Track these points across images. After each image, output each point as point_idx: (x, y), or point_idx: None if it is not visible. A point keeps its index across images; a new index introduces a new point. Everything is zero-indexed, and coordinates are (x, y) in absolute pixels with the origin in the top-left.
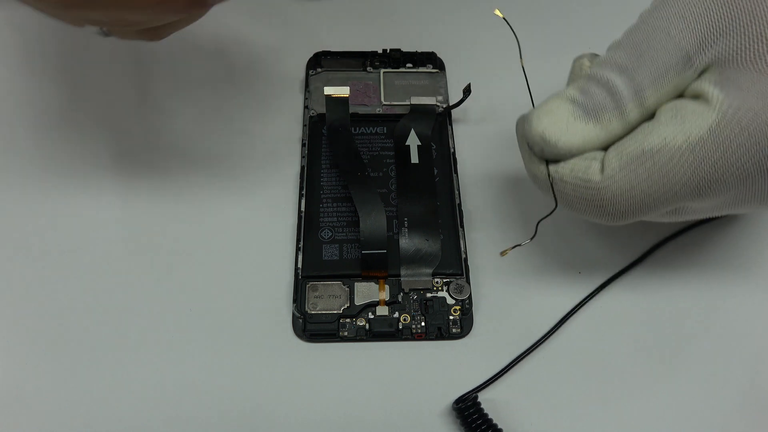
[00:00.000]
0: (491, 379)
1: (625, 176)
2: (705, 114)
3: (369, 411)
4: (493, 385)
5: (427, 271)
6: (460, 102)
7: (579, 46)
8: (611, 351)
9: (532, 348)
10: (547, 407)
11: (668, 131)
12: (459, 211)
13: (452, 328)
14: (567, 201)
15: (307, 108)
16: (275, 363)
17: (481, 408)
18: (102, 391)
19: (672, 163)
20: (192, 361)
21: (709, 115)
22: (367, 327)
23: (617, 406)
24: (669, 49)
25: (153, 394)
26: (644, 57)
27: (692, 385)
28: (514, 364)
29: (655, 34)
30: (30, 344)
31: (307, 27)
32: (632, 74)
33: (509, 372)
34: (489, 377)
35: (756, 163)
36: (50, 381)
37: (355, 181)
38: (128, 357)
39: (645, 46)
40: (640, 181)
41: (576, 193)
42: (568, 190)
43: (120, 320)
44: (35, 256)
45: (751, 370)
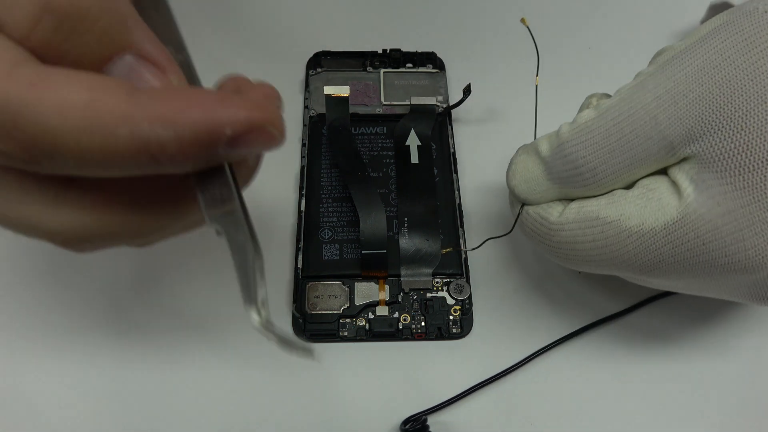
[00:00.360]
0: (446, 402)
1: (575, 229)
2: (668, 208)
3: (369, 411)
4: (453, 407)
5: (427, 271)
6: (460, 102)
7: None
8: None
9: (495, 377)
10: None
11: (628, 209)
12: (459, 211)
13: (452, 328)
14: (527, 233)
15: (307, 108)
16: (275, 364)
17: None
18: (102, 391)
19: (619, 238)
20: (192, 362)
21: (671, 212)
22: (367, 327)
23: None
24: (652, 136)
25: (152, 394)
26: (623, 140)
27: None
28: (476, 389)
29: (641, 117)
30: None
31: (307, 27)
32: (608, 157)
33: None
34: (443, 401)
35: (704, 270)
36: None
37: (355, 181)
38: (128, 357)
39: (628, 128)
40: (587, 240)
41: (534, 227)
42: (529, 223)
43: (119, 318)
44: None
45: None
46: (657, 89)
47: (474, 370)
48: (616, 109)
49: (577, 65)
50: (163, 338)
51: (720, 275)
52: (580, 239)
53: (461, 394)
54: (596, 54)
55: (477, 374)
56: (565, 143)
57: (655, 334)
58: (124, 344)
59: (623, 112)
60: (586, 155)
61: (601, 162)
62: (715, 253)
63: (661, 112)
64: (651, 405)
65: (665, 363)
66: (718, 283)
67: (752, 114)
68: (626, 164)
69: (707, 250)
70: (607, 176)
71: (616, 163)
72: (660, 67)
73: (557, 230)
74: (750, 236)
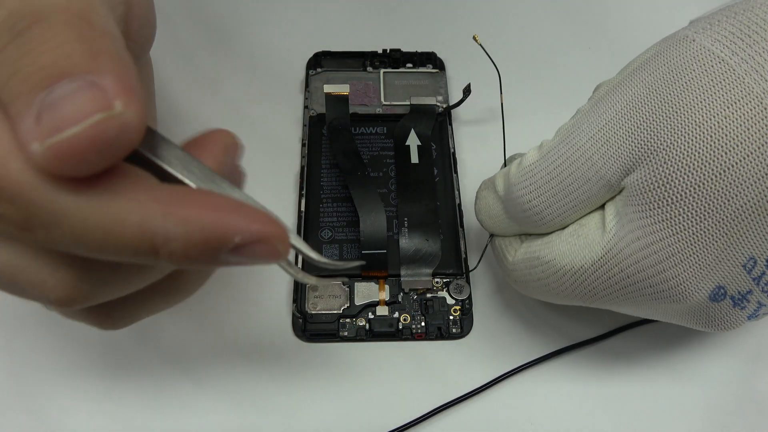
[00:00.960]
0: (413, 423)
1: (523, 270)
2: (594, 246)
3: (369, 411)
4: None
5: (427, 271)
6: (460, 102)
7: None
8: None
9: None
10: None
11: (561, 249)
12: (459, 211)
13: (452, 328)
14: (497, 261)
15: (307, 108)
16: (275, 363)
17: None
18: (102, 390)
19: (556, 277)
20: (191, 362)
21: (596, 249)
22: (367, 327)
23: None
24: (590, 177)
25: (152, 394)
26: (564, 184)
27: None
28: (449, 406)
29: (578, 159)
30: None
31: (307, 27)
32: (552, 201)
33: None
34: (406, 422)
35: (631, 300)
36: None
37: (355, 181)
38: (127, 357)
39: (566, 171)
40: (533, 279)
41: (498, 262)
42: (495, 254)
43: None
44: None
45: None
46: (591, 129)
47: (475, 370)
48: (556, 152)
49: (578, 65)
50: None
51: (657, 305)
52: (529, 278)
53: (441, 408)
54: (596, 54)
55: (477, 374)
56: (512, 186)
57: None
58: (124, 344)
59: (561, 155)
60: (531, 199)
61: (546, 206)
62: (640, 284)
63: (595, 153)
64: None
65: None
66: (661, 311)
67: (672, 146)
68: (570, 206)
69: (633, 282)
70: (553, 218)
71: (560, 206)
72: (594, 104)
73: (512, 270)
74: (669, 268)
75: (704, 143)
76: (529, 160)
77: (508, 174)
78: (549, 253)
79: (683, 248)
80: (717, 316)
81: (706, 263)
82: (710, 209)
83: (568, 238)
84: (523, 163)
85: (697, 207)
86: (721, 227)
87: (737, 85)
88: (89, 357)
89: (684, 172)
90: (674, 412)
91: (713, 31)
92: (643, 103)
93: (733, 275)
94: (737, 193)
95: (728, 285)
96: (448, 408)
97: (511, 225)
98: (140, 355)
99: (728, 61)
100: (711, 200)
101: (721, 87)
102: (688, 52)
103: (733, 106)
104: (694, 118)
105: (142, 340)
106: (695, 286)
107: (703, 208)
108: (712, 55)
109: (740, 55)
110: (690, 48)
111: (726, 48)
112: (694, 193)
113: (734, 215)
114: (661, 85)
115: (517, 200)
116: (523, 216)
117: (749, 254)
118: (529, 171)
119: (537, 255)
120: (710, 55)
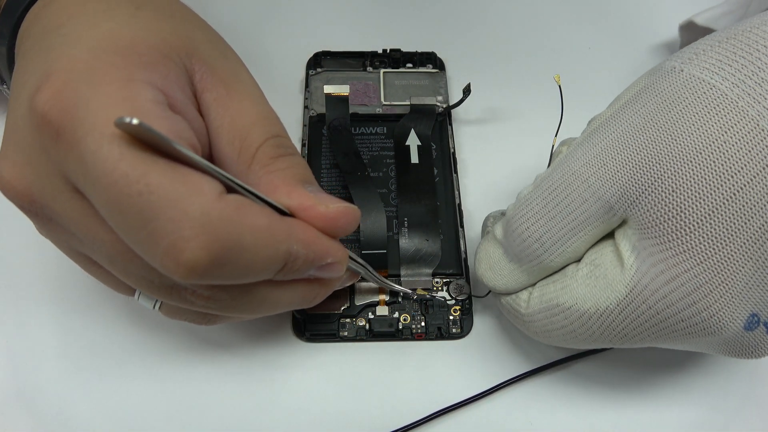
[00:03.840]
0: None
1: (543, 319)
2: (616, 285)
3: (370, 411)
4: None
5: (427, 271)
6: (460, 102)
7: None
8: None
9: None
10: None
11: (581, 292)
12: (459, 211)
13: (452, 328)
14: (510, 319)
15: (307, 108)
16: (275, 364)
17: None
18: (102, 390)
19: (581, 322)
20: (192, 363)
21: (619, 288)
22: (367, 327)
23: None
24: (587, 198)
25: (153, 394)
26: (561, 206)
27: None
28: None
29: (573, 182)
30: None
31: (307, 27)
32: (550, 225)
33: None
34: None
35: (671, 336)
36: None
37: (355, 181)
38: (129, 356)
39: (562, 194)
40: (555, 328)
41: (511, 318)
42: (506, 313)
43: (121, 319)
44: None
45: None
46: (586, 155)
47: (475, 370)
48: (550, 180)
49: (578, 65)
50: (163, 344)
51: (689, 338)
52: (550, 327)
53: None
54: (596, 54)
55: (478, 374)
56: (510, 220)
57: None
58: (123, 345)
59: (556, 180)
60: (529, 226)
61: (546, 230)
62: (671, 320)
63: (592, 175)
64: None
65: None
66: (695, 344)
67: (679, 175)
68: (569, 228)
69: (663, 318)
70: (553, 243)
71: (559, 228)
72: (588, 136)
73: (529, 322)
74: (700, 299)
75: (709, 168)
76: (524, 193)
77: (506, 217)
78: (568, 298)
79: (711, 278)
80: (752, 345)
81: (736, 290)
82: (730, 234)
83: (585, 280)
84: (519, 197)
85: (716, 233)
86: (745, 251)
87: (732, 109)
88: (89, 357)
89: (696, 199)
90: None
91: (700, 60)
92: (640, 132)
93: (766, 300)
94: (753, 215)
95: (761, 311)
96: (451, 411)
97: (513, 270)
98: (140, 355)
99: (720, 87)
100: (728, 225)
101: (717, 112)
102: (678, 82)
103: (731, 130)
104: (695, 144)
105: (142, 340)
106: (729, 315)
107: (722, 234)
108: (702, 83)
109: (730, 80)
110: (679, 78)
111: (716, 75)
112: (710, 219)
113: (755, 238)
114: (656, 115)
115: (516, 231)
116: (523, 248)
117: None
118: (525, 201)
119: (556, 302)
120: (701, 82)
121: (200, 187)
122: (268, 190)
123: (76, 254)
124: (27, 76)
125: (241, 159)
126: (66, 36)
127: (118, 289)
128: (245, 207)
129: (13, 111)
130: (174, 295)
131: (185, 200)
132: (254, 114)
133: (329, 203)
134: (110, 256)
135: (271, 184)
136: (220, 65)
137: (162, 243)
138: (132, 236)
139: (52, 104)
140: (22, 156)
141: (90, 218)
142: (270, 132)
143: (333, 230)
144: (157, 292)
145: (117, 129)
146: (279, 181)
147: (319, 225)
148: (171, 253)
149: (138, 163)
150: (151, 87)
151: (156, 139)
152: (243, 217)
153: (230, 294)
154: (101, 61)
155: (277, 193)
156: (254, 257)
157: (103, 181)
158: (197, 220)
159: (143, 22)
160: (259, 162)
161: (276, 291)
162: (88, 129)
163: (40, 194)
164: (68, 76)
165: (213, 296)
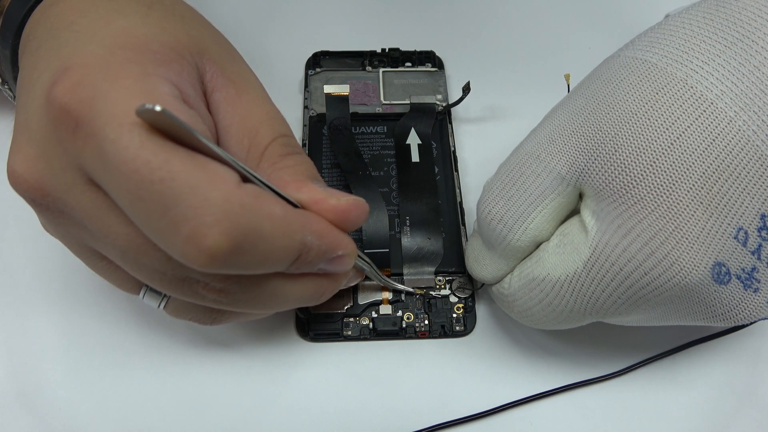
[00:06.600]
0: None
1: (523, 296)
2: (581, 248)
3: (374, 410)
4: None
5: (429, 270)
6: (460, 100)
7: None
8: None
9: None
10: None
11: (551, 263)
12: (460, 209)
13: (456, 326)
14: (501, 307)
15: (307, 108)
16: (279, 363)
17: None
18: (103, 390)
19: (555, 292)
20: (195, 363)
21: (584, 250)
22: (371, 326)
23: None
24: (540, 172)
25: (155, 394)
26: (518, 184)
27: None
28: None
29: (526, 161)
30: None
31: (306, 27)
32: (510, 203)
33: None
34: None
35: (634, 301)
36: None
37: (356, 181)
38: (130, 355)
39: (517, 173)
40: (535, 303)
41: (500, 304)
42: (497, 301)
43: (122, 318)
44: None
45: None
46: (537, 137)
47: (479, 369)
48: (506, 164)
49: (578, 65)
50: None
51: (661, 297)
52: (530, 304)
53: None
54: (596, 54)
55: (482, 373)
56: (477, 207)
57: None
58: (127, 343)
59: (512, 162)
60: (491, 208)
61: (506, 210)
62: (635, 274)
63: (543, 152)
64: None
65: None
66: (670, 307)
67: (620, 136)
68: (527, 204)
69: (628, 273)
70: (515, 221)
71: (518, 205)
72: (540, 122)
73: (512, 301)
74: (657, 248)
75: (645, 126)
76: (487, 180)
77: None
78: (542, 270)
79: (664, 225)
80: (731, 304)
81: (692, 236)
82: (673, 181)
83: (555, 249)
84: (484, 186)
85: (660, 181)
86: (693, 196)
87: (662, 75)
88: (90, 356)
89: (637, 154)
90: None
91: (634, 45)
92: (583, 109)
93: (728, 248)
94: (693, 161)
95: (727, 261)
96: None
97: (492, 258)
98: (142, 354)
99: (650, 60)
100: (671, 173)
101: (648, 79)
102: (615, 63)
103: (662, 90)
104: (630, 108)
105: (143, 339)
106: (690, 262)
107: (666, 182)
108: (636, 60)
109: (659, 54)
110: (617, 60)
111: (647, 52)
112: (653, 170)
113: (701, 183)
114: (597, 93)
115: (481, 216)
116: (490, 231)
117: (736, 225)
118: (486, 187)
119: (532, 276)
120: (635, 60)
121: (220, 175)
122: (278, 186)
123: (85, 249)
124: (39, 72)
125: (250, 156)
126: (79, 33)
127: (123, 286)
128: (263, 196)
129: (24, 106)
130: (185, 288)
131: (206, 187)
132: (263, 114)
133: (340, 197)
134: (123, 249)
135: (281, 180)
136: (229, 66)
137: (183, 230)
138: (151, 224)
139: (71, 96)
140: (36, 150)
141: (104, 210)
142: (278, 131)
143: (344, 222)
144: (168, 286)
145: (137, 118)
146: (288, 177)
147: (331, 217)
148: (192, 239)
149: (159, 151)
150: (168, 82)
151: (177, 127)
152: (261, 206)
153: (242, 286)
154: (117, 56)
155: (287, 189)
156: (272, 246)
157: (123, 169)
158: (219, 207)
159: (155, 21)
160: (267, 160)
161: (286, 284)
162: (108, 119)
163: (53, 187)
164: (86, 70)
165: (225, 289)
